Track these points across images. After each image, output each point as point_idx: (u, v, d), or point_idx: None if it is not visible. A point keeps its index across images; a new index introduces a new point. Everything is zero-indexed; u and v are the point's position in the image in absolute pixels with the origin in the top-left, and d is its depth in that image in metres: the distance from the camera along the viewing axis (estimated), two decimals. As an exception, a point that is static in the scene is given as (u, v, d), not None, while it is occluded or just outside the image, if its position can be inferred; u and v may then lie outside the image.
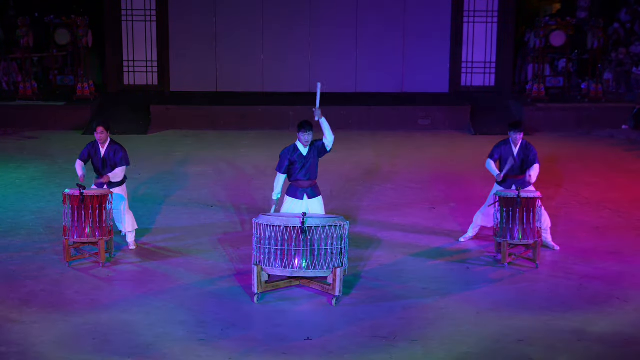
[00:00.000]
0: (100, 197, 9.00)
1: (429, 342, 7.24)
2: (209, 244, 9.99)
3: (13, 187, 12.60)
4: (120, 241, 9.78)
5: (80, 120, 17.73)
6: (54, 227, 10.33)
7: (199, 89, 19.94)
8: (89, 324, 7.54)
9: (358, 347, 7.13)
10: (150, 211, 11.28)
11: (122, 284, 8.68)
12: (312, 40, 20.03)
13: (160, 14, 19.87)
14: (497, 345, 7.23)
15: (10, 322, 7.56)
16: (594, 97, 18.57)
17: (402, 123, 18.21)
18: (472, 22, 20.09)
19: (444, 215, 11.32)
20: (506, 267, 9.14)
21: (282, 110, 18.13)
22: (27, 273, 8.83)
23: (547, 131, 17.52)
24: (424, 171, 14.13)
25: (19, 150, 15.64)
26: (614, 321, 7.74)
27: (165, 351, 7.00)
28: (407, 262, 9.35)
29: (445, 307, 8.03)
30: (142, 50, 19.98)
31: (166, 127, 17.83)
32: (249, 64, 20.04)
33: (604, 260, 9.44)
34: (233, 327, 7.53)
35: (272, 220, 7.98)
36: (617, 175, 13.72)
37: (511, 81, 20.23)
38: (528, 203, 9.03)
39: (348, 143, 16.51)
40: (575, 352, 7.12)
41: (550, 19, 19.08)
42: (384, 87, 20.04)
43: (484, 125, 17.62)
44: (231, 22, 19.98)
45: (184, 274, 8.91)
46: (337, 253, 8.00)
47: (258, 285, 8.05)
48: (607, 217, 11.22)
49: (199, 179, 13.36)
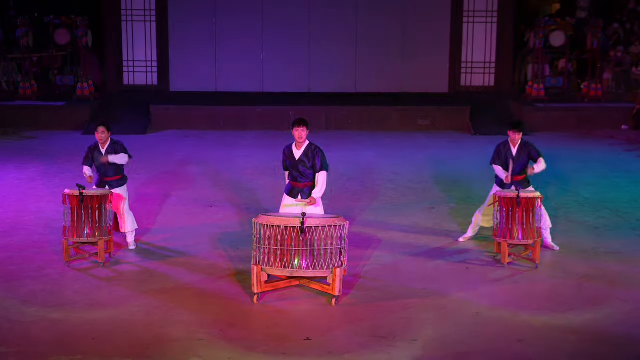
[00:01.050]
0: (99, 197, 8.99)
1: (428, 342, 7.24)
2: (209, 243, 9.99)
3: (13, 187, 12.60)
4: (120, 241, 9.78)
5: (79, 120, 17.75)
6: (53, 227, 10.32)
7: (198, 89, 19.97)
8: (89, 324, 7.54)
9: (358, 347, 7.13)
10: (150, 211, 11.28)
11: (122, 284, 8.67)
12: (312, 41, 20.05)
13: (160, 14, 19.89)
14: (497, 345, 7.23)
15: (10, 322, 7.56)
16: (594, 97, 18.58)
17: (401, 123, 18.22)
18: (471, 23, 20.11)
19: (444, 215, 11.32)
20: (506, 267, 9.14)
21: (281, 110, 18.15)
22: (27, 273, 8.82)
23: (547, 131, 17.53)
24: (424, 171, 14.14)
25: (18, 150, 15.64)
26: (614, 321, 7.74)
27: (165, 351, 7.00)
28: (407, 262, 9.35)
29: (445, 307, 8.03)
30: (141, 50, 20.00)
31: (166, 127, 17.84)
32: (248, 64, 20.06)
33: (603, 260, 9.44)
34: (233, 327, 7.53)
35: (271, 220, 7.97)
36: (617, 176, 13.72)
37: (511, 81, 20.24)
38: (528, 203, 9.02)
39: (348, 143, 16.52)
40: (575, 352, 7.11)
41: (549, 19, 19.11)
42: (383, 87, 20.05)
43: (484, 125, 17.64)
44: (231, 22, 20.00)
45: (183, 274, 8.91)
46: (336, 253, 8.00)
47: (257, 285, 8.05)
48: (607, 217, 11.22)
49: (199, 179, 13.36)
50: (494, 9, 20.07)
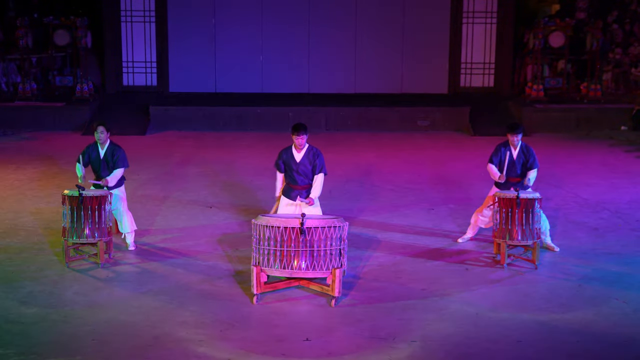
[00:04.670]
0: (99, 198, 8.99)
1: (428, 343, 7.24)
2: (208, 244, 9.99)
3: (12, 188, 12.59)
4: (120, 242, 9.78)
5: (79, 121, 17.73)
6: (53, 228, 10.32)
7: (197, 90, 19.95)
8: (88, 324, 7.54)
9: (357, 348, 7.13)
10: (149, 212, 11.28)
11: (121, 284, 8.68)
12: (311, 41, 20.03)
13: (159, 14, 19.87)
14: (496, 346, 7.23)
15: (10, 323, 7.56)
16: (593, 98, 18.57)
17: (401, 124, 18.21)
18: (471, 23, 20.10)
19: (443, 216, 11.33)
20: (505, 268, 9.14)
21: (281, 111, 18.14)
22: (27, 274, 8.82)
23: (546, 132, 17.53)
24: (423, 172, 14.14)
25: (18, 151, 15.63)
26: (614, 322, 7.74)
27: (165, 352, 7.00)
28: (406, 263, 9.35)
29: (445, 308, 8.03)
30: (141, 51, 19.98)
31: (165, 128, 17.83)
32: (248, 65, 20.05)
33: (603, 261, 9.45)
34: (232, 328, 7.53)
35: (271, 221, 7.98)
36: (616, 176, 13.72)
37: (510, 82, 20.24)
38: (527, 204, 9.03)
39: (347, 144, 16.52)
40: (575, 352, 7.12)
41: (549, 20, 19.09)
42: (383, 88, 20.04)
43: (483, 126, 17.63)
44: (230, 23, 19.99)
45: (183, 274, 8.91)
46: (336, 254, 8.00)
47: (257, 286, 8.05)
48: (606, 218, 11.22)
49: (198, 180, 13.36)
50: (493, 10, 20.04)
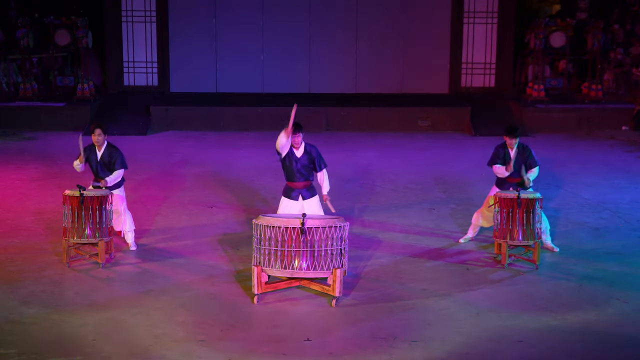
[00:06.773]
0: (100, 198, 8.99)
1: (429, 343, 7.24)
2: (209, 244, 9.99)
3: (13, 188, 12.60)
4: (121, 242, 9.78)
5: (80, 121, 17.73)
6: (53, 228, 10.32)
7: (198, 90, 19.96)
8: (89, 324, 7.53)
9: (358, 348, 7.13)
10: (150, 212, 11.28)
11: (122, 284, 8.67)
12: (312, 41, 20.04)
13: (160, 14, 19.88)
14: (497, 346, 7.23)
15: (10, 323, 7.56)
16: (594, 98, 18.57)
17: (402, 124, 18.21)
18: (472, 23, 20.10)
19: (444, 216, 11.32)
20: (506, 268, 9.14)
21: (282, 111, 18.07)
22: (27, 274, 8.82)
23: (547, 132, 17.52)
24: (424, 172, 14.13)
25: (19, 151, 15.64)
26: (614, 322, 7.74)
27: (165, 352, 7.00)
28: (407, 263, 9.35)
29: (446, 308, 8.03)
30: (142, 51, 19.98)
31: (166, 128, 17.84)
32: (248, 65, 20.05)
33: (604, 261, 9.44)
34: (233, 328, 7.53)
35: (272, 221, 7.97)
36: (617, 177, 13.72)
37: (511, 82, 20.23)
38: (528, 204, 9.02)
39: (348, 144, 16.52)
40: (576, 353, 7.11)
41: (550, 20, 19.09)
42: (383, 88, 20.04)
43: (484, 126, 17.63)
44: (231, 23, 19.99)
45: (183, 274, 8.91)
46: (337, 254, 8.00)
47: (258, 286, 8.05)
48: (607, 218, 11.22)
49: (199, 180, 13.36)
50: (494, 10, 20.04)
